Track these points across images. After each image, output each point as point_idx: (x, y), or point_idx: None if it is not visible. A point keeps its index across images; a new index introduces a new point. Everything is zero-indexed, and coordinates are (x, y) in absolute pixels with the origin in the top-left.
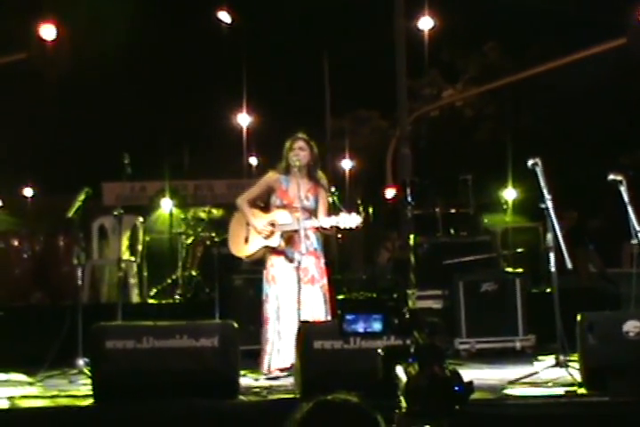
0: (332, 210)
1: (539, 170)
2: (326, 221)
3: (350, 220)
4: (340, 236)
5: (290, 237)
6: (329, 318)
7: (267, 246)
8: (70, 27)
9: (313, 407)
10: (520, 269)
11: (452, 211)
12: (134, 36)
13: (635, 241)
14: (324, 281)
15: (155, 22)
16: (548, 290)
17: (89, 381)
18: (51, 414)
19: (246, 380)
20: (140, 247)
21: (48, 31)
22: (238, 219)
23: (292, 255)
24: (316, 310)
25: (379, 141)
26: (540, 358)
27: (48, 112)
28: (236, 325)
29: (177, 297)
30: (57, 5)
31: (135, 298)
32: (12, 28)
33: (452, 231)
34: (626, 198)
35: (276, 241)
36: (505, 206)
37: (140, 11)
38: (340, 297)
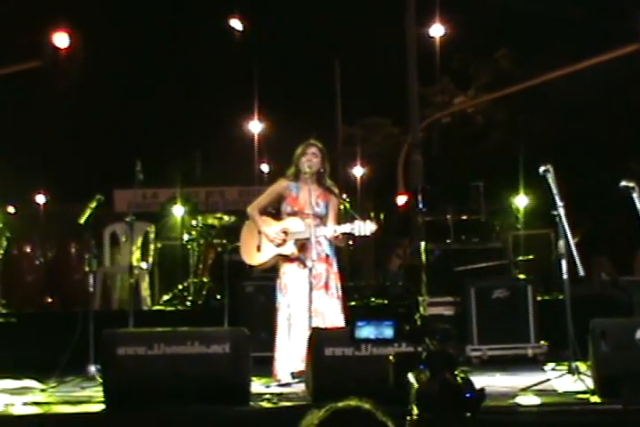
0: (346, 217)
1: (550, 176)
2: (341, 229)
3: (365, 227)
4: (351, 242)
5: (303, 245)
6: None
7: (280, 254)
8: (83, 35)
9: (326, 414)
10: (532, 276)
11: (464, 217)
12: (146, 44)
13: None
14: (339, 287)
15: (167, 30)
16: (560, 297)
17: (100, 387)
18: (62, 421)
19: (257, 386)
20: (151, 254)
21: (61, 39)
22: (250, 227)
23: (305, 261)
24: (335, 318)
25: (390, 148)
26: (551, 365)
27: (61, 119)
28: (247, 331)
29: (188, 304)
30: (70, 13)
31: (147, 305)
32: (26, 35)
33: (463, 238)
34: (638, 205)
35: (289, 249)
36: (516, 213)
37: (152, 19)
38: (352, 304)
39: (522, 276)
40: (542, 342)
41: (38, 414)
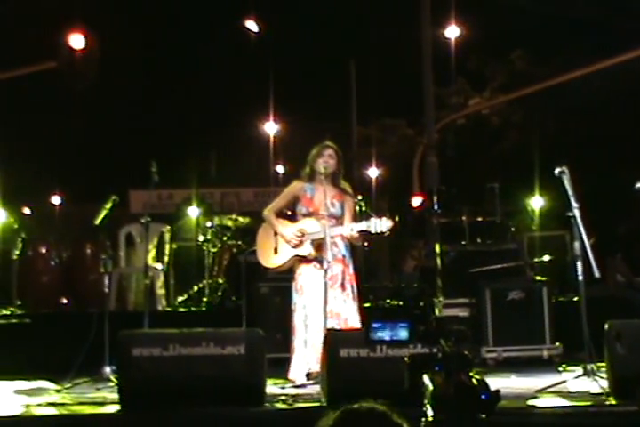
0: (361, 216)
1: (565, 178)
2: (356, 226)
3: (381, 224)
4: (366, 244)
5: (319, 245)
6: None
7: (297, 255)
8: (99, 36)
9: (340, 416)
10: (547, 278)
11: (479, 219)
12: (161, 45)
13: None
14: (355, 288)
15: (182, 31)
16: (576, 298)
17: (116, 388)
18: (77, 422)
19: (272, 388)
20: (166, 255)
21: (77, 40)
22: (265, 230)
23: (322, 261)
24: (351, 319)
25: (405, 150)
26: (567, 366)
27: (76, 120)
28: (262, 333)
29: (203, 305)
30: (86, 15)
31: (162, 306)
32: (42, 36)
33: (478, 239)
34: None
35: (306, 250)
36: (532, 214)
37: (167, 20)
38: (367, 305)
39: (537, 277)
40: (557, 344)
41: (53, 415)
